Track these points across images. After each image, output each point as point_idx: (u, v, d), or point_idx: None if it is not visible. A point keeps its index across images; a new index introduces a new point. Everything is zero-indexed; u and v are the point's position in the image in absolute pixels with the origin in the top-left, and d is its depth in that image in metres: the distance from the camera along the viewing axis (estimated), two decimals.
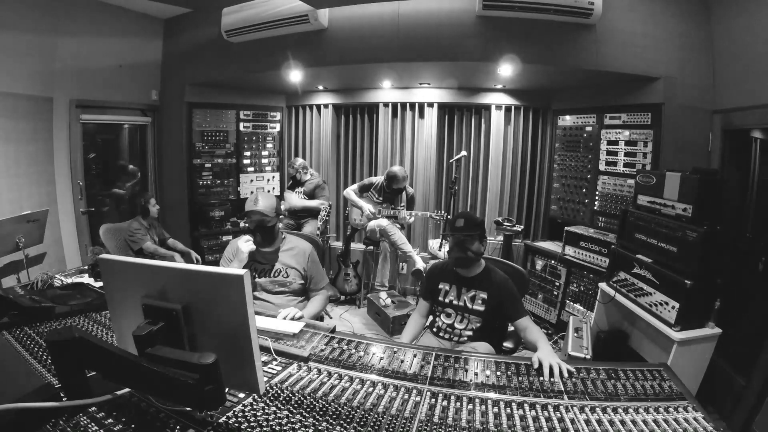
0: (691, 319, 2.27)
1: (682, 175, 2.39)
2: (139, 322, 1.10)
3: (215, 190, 4.75)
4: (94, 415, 1.09)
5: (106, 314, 1.79)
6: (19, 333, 1.58)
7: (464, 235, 2.00)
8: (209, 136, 4.63)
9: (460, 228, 2.02)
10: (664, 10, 3.05)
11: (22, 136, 3.47)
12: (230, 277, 1.03)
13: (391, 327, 3.65)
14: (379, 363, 1.51)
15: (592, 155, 3.71)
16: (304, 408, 1.19)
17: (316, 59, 3.57)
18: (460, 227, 2.02)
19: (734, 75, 2.87)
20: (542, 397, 1.33)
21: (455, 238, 2.03)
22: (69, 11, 3.68)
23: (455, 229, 2.03)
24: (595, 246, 3.39)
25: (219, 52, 3.99)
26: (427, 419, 1.19)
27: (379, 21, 3.34)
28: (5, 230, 2.98)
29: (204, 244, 4.65)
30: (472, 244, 2.01)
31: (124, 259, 1.23)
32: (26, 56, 3.44)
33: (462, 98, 4.38)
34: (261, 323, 1.73)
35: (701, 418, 1.23)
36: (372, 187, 4.13)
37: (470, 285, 2.07)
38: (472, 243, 2.01)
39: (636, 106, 3.33)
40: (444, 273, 2.16)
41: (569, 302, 3.58)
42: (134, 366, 1.02)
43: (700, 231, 2.20)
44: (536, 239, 4.30)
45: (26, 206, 3.40)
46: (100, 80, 4.02)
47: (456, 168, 3.70)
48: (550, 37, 3.06)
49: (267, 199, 2.17)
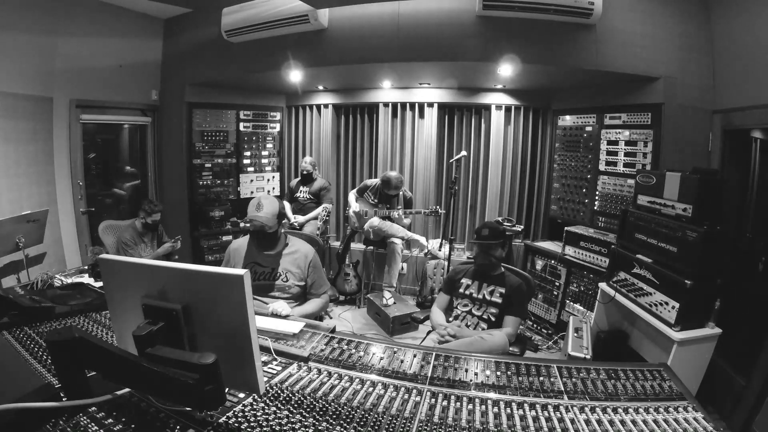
0: (691, 319, 2.27)
1: (682, 175, 2.40)
2: (139, 322, 1.10)
3: (215, 190, 4.75)
4: (94, 415, 1.09)
5: (106, 314, 1.79)
6: (19, 333, 1.57)
7: (489, 243, 2.27)
8: (209, 136, 4.63)
9: (485, 236, 2.27)
10: (664, 10, 3.05)
11: (22, 136, 3.47)
12: (230, 277, 1.02)
13: (391, 327, 3.64)
14: (379, 363, 1.51)
15: (592, 155, 3.71)
16: (304, 408, 1.19)
17: (316, 59, 3.57)
18: (485, 236, 2.28)
19: (734, 75, 2.87)
20: (542, 397, 1.33)
21: (481, 246, 2.29)
22: (69, 11, 3.68)
23: (481, 237, 2.29)
24: (595, 246, 3.39)
25: (219, 52, 3.99)
26: (427, 419, 1.19)
27: (379, 21, 3.34)
28: (5, 230, 2.98)
29: (204, 244, 4.65)
30: (495, 251, 2.29)
31: (124, 259, 1.23)
32: (26, 56, 3.44)
33: (462, 98, 4.38)
34: (261, 323, 1.73)
35: (701, 418, 1.23)
36: (368, 189, 4.14)
37: (490, 281, 2.32)
38: (496, 250, 2.29)
39: (636, 106, 3.33)
40: (466, 272, 2.42)
41: (569, 302, 3.58)
42: (134, 366, 1.02)
43: (700, 231, 2.20)
44: (536, 239, 4.30)
45: (26, 206, 3.40)
46: (100, 80, 4.03)
47: (456, 168, 3.70)
48: (550, 37, 3.06)
49: (270, 206, 2.14)
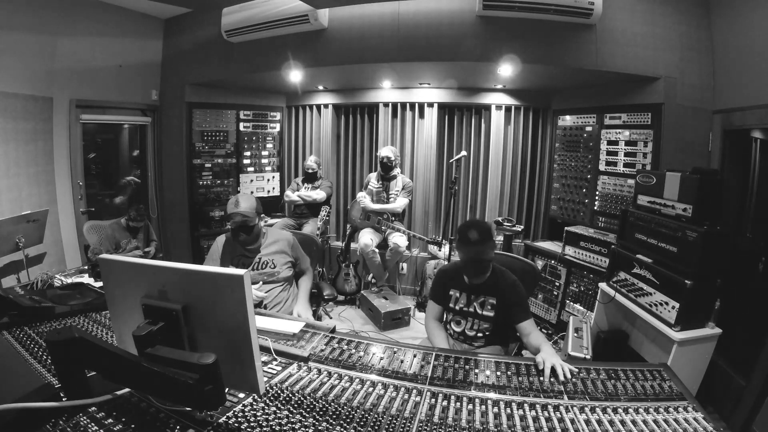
0: (691, 319, 2.27)
1: (682, 175, 2.39)
2: (139, 322, 1.10)
3: (215, 190, 4.75)
4: (94, 415, 1.09)
5: (106, 314, 1.79)
6: (19, 333, 1.58)
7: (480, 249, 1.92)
8: (209, 136, 4.63)
9: (476, 242, 1.91)
10: (664, 10, 3.05)
11: (22, 136, 3.47)
12: (230, 277, 1.03)
13: (382, 322, 3.72)
14: (379, 363, 1.51)
15: (592, 155, 3.71)
16: (304, 408, 1.19)
17: (316, 59, 3.57)
18: (475, 240, 1.91)
19: (734, 75, 2.87)
20: (542, 397, 1.33)
21: (470, 251, 1.94)
22: (69, 11, 3.68)
23: (470, 243, 1.92)
24: (595, 246, 3.39)
25: (219, 52, 3.99)
26: (427, 419, 1.19)
27: (379, 21, 3.34)
28: (5, 230, 2.99)
29: (204, 244, 4.64)
30: (488, 255, 1.96)
31: (124, 259, 1.23)
32: (26, 56, 3.44)
33: (462, 98, 4.38)
34: (261, 323, 1.73)
35: (701, 418, 1.23)
36: (370, 182, 4.16)
37: (479, 291, 2.06)
38: (488, 254, 1.96)
39: (636, 106, 3.33)
40: (453, 279, 2.14)
41: (569, 302, 3.58)
42: (134, 366, 1.02)
43: (700, 231, 2.19)
44: (536, 239, 4.30)
45: (26, 206, 3.40)
46: (100, 80, 4.02)
47: (456, 168, 3.70)
48: (550, 37, 3.06)
49: (247, 201, 2.24)
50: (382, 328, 3.72)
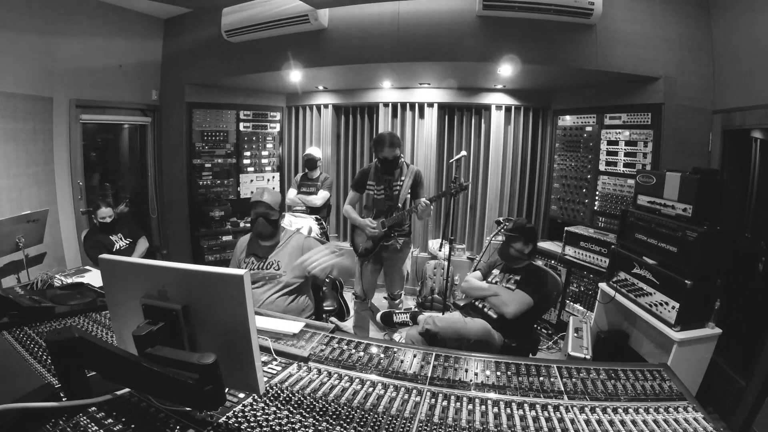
0: (691, 319, 2.27)
1: (682, 175, 2.39)
2: (139, 322, 1.10)
3: (215, 190, 4.75)
4: (94, 415, 1.09)
5: (106, 314, 1.79)
6: (19, 333, 1.57)
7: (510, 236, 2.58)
8: (209, 136, 4.63)
9: (509, 230, 2.62)
10: (664, 10, 3.05)
11: (22, 136, 3.46)
12: (230, 277, 1.02)
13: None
14: (379, 363, 1.51)
15: (592, 155, 3.71)
16: (304, 408, 1.19)
17: (316, 59, 3.57)
18: (509, 229, 2.63)
19: (734, 75, 2.87)
20: (542, 397, 1.33)
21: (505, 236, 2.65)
22: (69, 11, 3.68)
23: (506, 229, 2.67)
24: (595, 246, 3.39)
25: (219, 52, 3.99)
26: (427, 419, 1.19)
27: (379, 21, 3.34)
28: (5, 230, 2.98)
29: (204, 244, 4.65)
30: (515, 243, 2.54)
31: (124, 259, 1.23)
32: (26, 56, 3.44)
33: (462, 98, 4.38)
34: (261, 323, 1.73)
35: (701, 418, 1.23)
36: (367, 179, 3.15)
37: (513, 273, 2.58)
38: (516, 242, 2.53)
39: (636, 106, 3.33)
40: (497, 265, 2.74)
41: (569, 302, 3.58)
42: (134, 366, 1.02)
43: (700, 231, 2.20)
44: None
45: (26, 206, 3.40)
46: (100, 80, 4.02)
47: (456, 168, 3.70)
48: (550, 37, 3.06)
49: (272, 195, 2.27)
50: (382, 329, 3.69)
